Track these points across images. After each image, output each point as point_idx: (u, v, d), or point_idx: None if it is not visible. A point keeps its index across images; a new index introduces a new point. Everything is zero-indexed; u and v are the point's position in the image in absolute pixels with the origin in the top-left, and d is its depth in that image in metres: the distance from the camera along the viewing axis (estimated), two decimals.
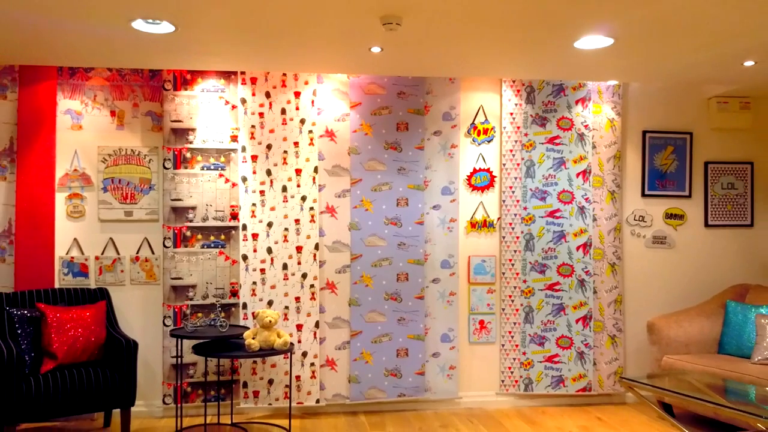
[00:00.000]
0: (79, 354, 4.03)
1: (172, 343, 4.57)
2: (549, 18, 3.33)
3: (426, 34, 3.61)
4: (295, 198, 4.70)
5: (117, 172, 4.64)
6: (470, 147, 4.97)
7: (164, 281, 4.60)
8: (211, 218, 4.64)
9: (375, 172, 4.80)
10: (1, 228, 4.50)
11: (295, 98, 4.71)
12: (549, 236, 4.96)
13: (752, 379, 4.02)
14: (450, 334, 4.88)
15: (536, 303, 4.95)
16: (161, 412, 4.64)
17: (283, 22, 3.41)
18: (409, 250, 4.82)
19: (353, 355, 4.74)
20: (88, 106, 4.62)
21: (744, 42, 3.76)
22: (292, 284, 4.67)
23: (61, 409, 3.78)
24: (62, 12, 3.27)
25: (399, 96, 4.83)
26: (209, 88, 4.66)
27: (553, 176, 4.96)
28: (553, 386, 4.96)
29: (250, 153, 4.66)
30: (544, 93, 4.97)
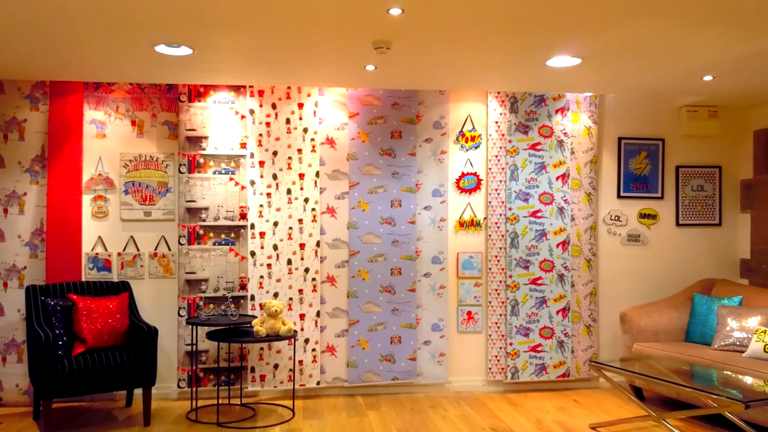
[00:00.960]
0: (106, 339, 4.56)
1: (187, 332, 5.10)
2: (522, 41, 3.84)
3: (414, 55, 4.13)
4: (299, 200, 5.22)
5: (137, 176, 5.17)
6: (459, 153, 5.48)
7: (179, 275, 5.13)
8: (222, 218, 5.17)
9: (371, 176, 5.32)
10: (33, 227, 5.03)
11: (298, 109, 5.24)
12: (531, 234, 5.47)
13: (710, 363, 4.52)
14: (440, 324, 5.40)
15: (521, 297, 5.46)
16: (176, 395, 5.17)
17: (287, 45, 3.93)
18: (403, 247, 5.34)
19: (351, 342, 5.27)
20: (111, 116, 5.15)
21: (700, 60, 4.26)
22: (296, 278, 5.20)
23: (90, 387, 4.31)
24: (93, 38, 3.80)
25: (393, 107, 5.35)
26: (221, 99, 5.18)
27: (535, 179, 5.47)
28: (537, 374, 5.47)
29: (258, 159, 5.19)
30: (527, 103, 5.48)
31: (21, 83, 5.02)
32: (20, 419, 4.69)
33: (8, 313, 4.99)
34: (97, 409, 4.92)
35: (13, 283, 5.00)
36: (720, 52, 4.05)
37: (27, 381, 4.97)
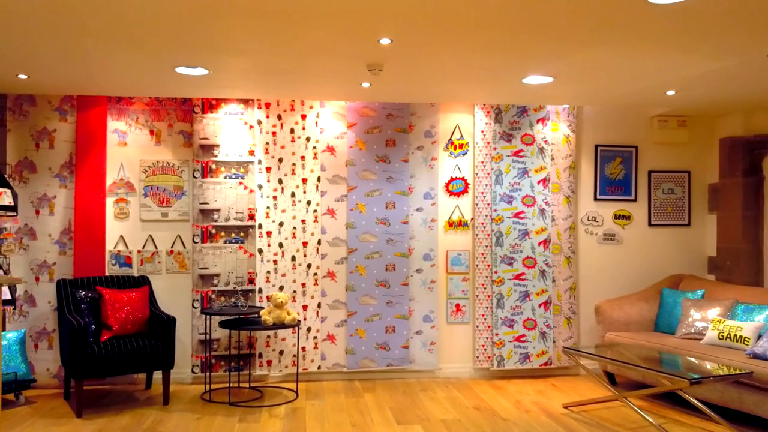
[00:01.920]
0: (129, 327, 5.16)
1: (200, 322, 5.69)
2: (499, 64, 4.42)
3: (404, 75, 4.71)
4: (302, 202, 5.81)
5: (155, 180, 5.77)
6: (448, 159, 6.06)
7: (193, 271, 5.73)
8: (232, 219, 5.76)
9: (368, 181, 5.91)
10: (62, 227, 5.63)
11: (301, 120, 5.83)
12: (515, 234, 6.04)
13: (672, 349, 5.10)
14: (431, 315, 5.98)
15: (506, 291, 6.03)
16: (191, 380, 5.77)
17: (290, 66, 4.52)
18: (396, 245, 5.92)
19: (349, 331, 5.85)
20: (131, 126, 5.75)
21: (662, 77, 4.82)
22: (299, 273, 5.79)
23: (117, 369, 4.91)
24: (119, 59, 4.39)
25: (388, 117, 5.93)
26: (231, 111, 5.78)
27: (518, 183, 6.05)
28: (521, 362, 6.04)
29: (265, 165, 5.78)
30: (510, 114, 6.06)
31: (51, 97, 5.62)
32: (52, 399, 5.29)
33: (40, 305, 5.59)
34: (120, 391, 5.52)
35: (44, 277, 5.59)
36: (679, 71, 4.62)
37: (57, 365, 5.57)
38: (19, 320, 5.54)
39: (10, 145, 5.58)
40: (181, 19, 3.50)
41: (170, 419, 4.79)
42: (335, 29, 3.66)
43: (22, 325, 5.53)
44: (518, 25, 3.56)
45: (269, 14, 3.40)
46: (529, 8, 3.29)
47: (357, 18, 3.46)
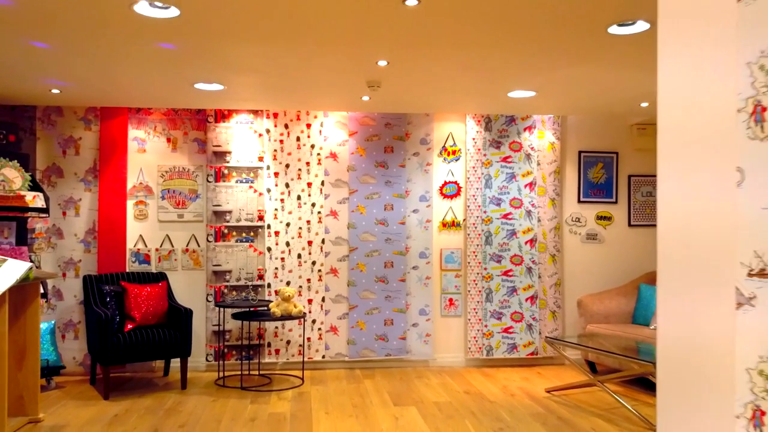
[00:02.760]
0: (150, 318, 5.71)
1: (213, 315, 6.25)
2: (486, 81, 4.97)
3: (400, 90, 5.26)
4: (307, 204, 6.37)
5: (171, 184, 6.32)
6: (442, 164, 6.62)
7: (207, 267, 6.28)
8: (243, 219, 6.31)
9: (367, 185, 6.46)
10: (87, 227, 6.19)
11: (307, 129, 6.38)
12: (503, 233, 6.59)
13: (646, 339, 5.64)
14: (426, 309, 6.53)
15: (495, 286, 6.58)
16: (204, 368, 6.33)
17: (298, 82, 5.07)
18: (394, 244, 6.48)
19: (351, 323, 6.41)
20: (150, 134, 6.30)
21: (634, 92, 5.37)
22: (305, 269, 6.35)
23: (140, 356, 5.46)
24: (142, 76, 4.95)
25: (386, 126, 6.49)
26: (242, 121, 6.33)
27: (506, 187, 6.60)
28: (509, 352, 6.59)
29: (273, 170, 6.34)
30: (499, 122, 6.61)
31: (77, 108, 6.18)
32: (80, 384, 5.85)
33: (66, 298, 6.15)
34: (140, 378, 6.08)
35: (70, 273, 6.15)
36: (648, 87, 5.17)
37: (83, 354, 6.13)
38: (49, 312, 6.10)
39: (40, 152, 6.14)
40: (202, 44, 4.05)
41: (188, 401, 5.35)
42: (338, 53, 4.21)
43: (51, 317, 6.10)
44: (501, 48, 4.12)
45: (279, 40, 3.95)
46: (510, 34, 3.84)
47: (357, 44, 4.02)
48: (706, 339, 1.52)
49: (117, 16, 3.51)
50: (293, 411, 5.11)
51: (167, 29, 3.73)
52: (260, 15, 3.47)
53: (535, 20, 3.54)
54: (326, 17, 3.50)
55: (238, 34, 3.79)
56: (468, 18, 3.50)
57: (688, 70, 1.59)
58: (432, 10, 3.39)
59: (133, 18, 3.55)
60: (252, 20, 3.56)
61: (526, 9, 3.36)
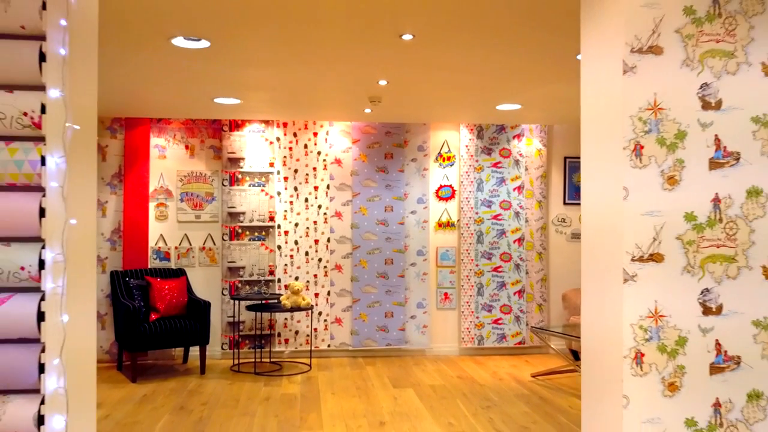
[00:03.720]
0: (172, 309, 6.40)
1: (228, 307, 6.93)
2: (477, 97, 5.66)
3: (399, 105, 5.95)
4: (314, 206, 7.05)
5: (189, 188, 7.00)
6: (437, 169, 7.30)
7: (222, 264, 6.97)
8: (255, 220, 6.99)
9: (369, 188, 7.14)
10: (112, 227, 6.87)
11: (314, 137, 7.07)
12: (494, 233, 7.27)
13: None
14: (423, 302, 7.21)
15: (486, 281, 7.26)
16: (220, 355, 7.01)
17: (306, 97, 5.75)
18: (394, 243, 7.16)
19: (354, 315, 7.10)
20: (170, 142, 6.98)
21: None
22: (312, 266, 7.03)
23: (164, 343, 6.14)
24: (166, 91, 5.64)
25: (386, 134, 7.17)
26: (254, 129, 7.01)
27: (497, 190, 7.28)
28: (498, 341, 7.27)
29: (283, 175, 7.02)
30: (490, 131, 7.29)
31: (103, 118, 6.86)
32: (107, 370, 6.54)
33: None
34: (162, 365, 6.76)
35: (97, 269, 6.84)
36: None
37: (109, 343, 6.81)
38: None
39: None
40: (226, 68, 4.75)
41: (208, 384, 6.04)
42: (343, 74, 4.90)
43: None
44: (487, 71, 4.81)
45: (292, 63, 4.64)
46: (493, 60, 4.53)
47: (360, 67, 4.70)
48: (607, 305, 2.20)
49: (155, 46, 4.19)
50: (303, 392, 5.80)
51: (198, 56, 4.42)
52: (277, 44, 4.16)
53: (514, 50, 4.22)
54: (334, 46, 4.19)
55: (257, 59, 4.48)
56: (457, 47, 4.18)
57: (597, 124, 2.27)
58: (425, 43, 4.07)
59: (170, 48, 4.23)
60: (270, 48, 4.24)
61: (506, 40, 4.04)
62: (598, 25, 2.25)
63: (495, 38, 3.94)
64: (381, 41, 4.02)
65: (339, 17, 3.57)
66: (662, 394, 2.08)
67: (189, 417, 5.08)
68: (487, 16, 3.53)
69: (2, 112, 1.94)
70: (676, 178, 2.09)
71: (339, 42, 4.04)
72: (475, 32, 3.83)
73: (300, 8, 3.42)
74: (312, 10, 3.45)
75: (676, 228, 2.09)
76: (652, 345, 2.08)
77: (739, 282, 2.11)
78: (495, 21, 3.60)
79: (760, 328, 2.12)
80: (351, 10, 3.44)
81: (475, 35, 3.90)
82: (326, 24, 3.69)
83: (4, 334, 1.96)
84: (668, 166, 2.09)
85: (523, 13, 3.45)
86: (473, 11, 3.43)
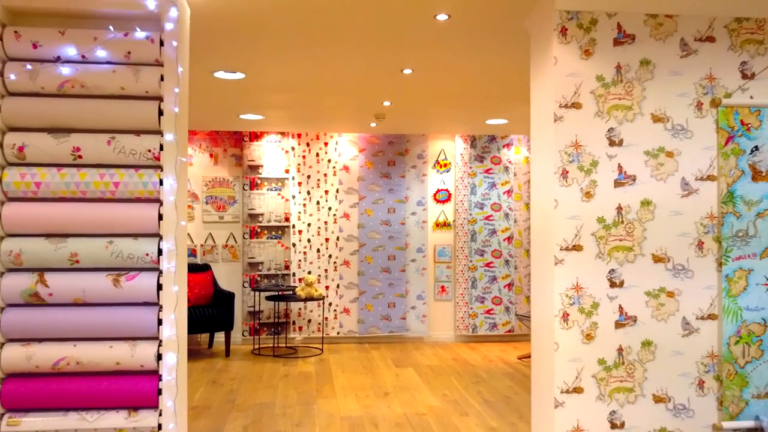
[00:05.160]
0: (201, 299, 7.43)
1: (249, 299, 7.96)
2: (468, 113, 6.68)
3: (401, 120, 6.98)
4: (324, 208, 8.08)
5: (214, 192, 8.03)
6: (435, 175, 8.32)
7: (243, 260, 7.99)
8: (272, 220, 8.02)
9: (374, 192, 8.17)
10: None
11: (324, 146, 8.09)
12: (486, 232, 8.29)
13: None
14: (422, 294, 8.24)
15: (478, 275, 8.28)
16: (241, 341, 8.04)
17: (318, 115, 6.79)
18: (396, 241, 8.18)
19: (360, 306, 8.12)
20: (196, 150, 8.01)
21: None
22: (323, 261, 8.06)
23: (195, 329, 7.17)
24: (197, 109, 6.67)
25: (389, 144, 8.20)
26: (271, 140, 8.04)
27: (488, 194, 8.30)
28: (490, 329, 8.29)
29: (297, 181, 8.05)
30: (482, 141, 8.31)
31: None
32: None
33: None
34: (190, 349, 7.80)
35: None
36: None
37: None
38: None
39: None
40: (257, 94, 5.78)
41: (233, 365, 7.07)
42: (351, 97, 5.93)
43: None
44: (476, 97, 5.84)
45: (309, 89, 5.67)
46: (480, 89, 5.57)
47: (367, 93, 5.74)
48: (545, 280, 3.22)
49: (201, 78, 5.22)
50: (317, 370, 6.82)
51: (233, 85, 5.44)
52: (298, 75, 5.19)
53: (495, 85, 5.25)
54: (346, 77, 5.22)
55: (281, 86, 5.51)
56: (450, 80, 5.20)
57: (539, 155, 3.28)
58: (422, 77, 5.10)
59: (212, 79, 5.25)
60: (292, 78, 5.27)
61: (485, 80, 5.07)
62: (539, 88, 3.27)
63: (478, 70, 4.97)
64: (385, 74, 5.05)
65: (351, 55, 4.60)
66: (581, 341, 3.10)
67: (221, 388, 6.11)
68: (473, 60, 4.56)
69: (134, 149, 2.96)
70: (591, 193, 3.10)
71: (350, 74, 5.08)
72: (463, 64, 4.86)
73: (318, 49, 4.45)
74: (328, 51, 4.48)
75: (591, 227, 3.11)
76: (574, 308, 3.10)
77: (635, 265, 3.12)
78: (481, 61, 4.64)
79: (650, 296, 3.13)
80: (362, 50, 4.47)
81: (464, 67, 4.93)
82: (339, 62, 4.73)
83: (134, 299, 2.98)
84: (585, 184, 3.10)
85: (502, 59, 4.48)
86: (461, 50, 4.47)
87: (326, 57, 4.55)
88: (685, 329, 3.14)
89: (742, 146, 3.14)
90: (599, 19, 3.10)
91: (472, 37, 4.07)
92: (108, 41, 2.92)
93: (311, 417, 5.27)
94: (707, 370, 3.15)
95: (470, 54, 4.46)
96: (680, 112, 3.15)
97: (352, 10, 3.59)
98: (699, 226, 3.15)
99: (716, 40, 3.17)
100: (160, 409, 2.97)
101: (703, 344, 3.15)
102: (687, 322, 3.15)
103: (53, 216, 2.91)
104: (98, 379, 2.95)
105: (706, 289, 3.15)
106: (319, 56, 4.53)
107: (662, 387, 3.13)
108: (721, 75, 3.17)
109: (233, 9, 3.60)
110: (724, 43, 3.18)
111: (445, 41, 4.18)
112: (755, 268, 3.15)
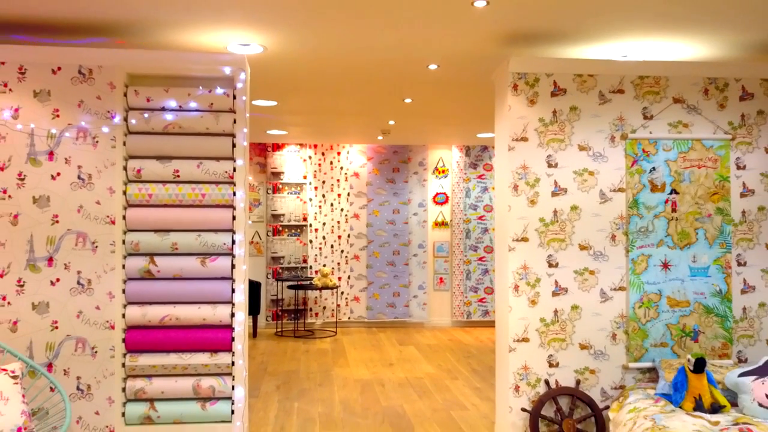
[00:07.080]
0: None
1: (272, 288, 9.40)
2: (461, 128, 8.12)
3: (404, 135, 8.41)
4: (337, 209, 9.52)
5: None
6: (435, 180, 9.75)
7: (266, 255, 9.44)
8: (292, 220, 9.47)
9: (380, 195, 9.61)
10: None
11: (337, 156, 9.54)
12: (479, 230, 9.72)
13: None
14: (423, 285, 9.67)
15: (473, 268, 9.70)
16: (265, 326, 9.50)
17: (331, 129, 8.23)
18: (400, 238, 9.61)
19: (369, 295, 9.57)
20: None
21: None
22: (336, 255, 9.51)
23: None
24: None
25: (394, 153, 9.64)
26: (291, 150, 9.49)
27: (481, 197, 9.72)
28: (482, 315, 9.71)
29: (313, 185, 9.50)
30: (476, 150, 9.74)
31: None
32: None
33: None
34: None
35: None
36: None
37: None
38: None
39: None
40: (285, 117, 7.25)
41: (260, 343, 8.53)
42: (360, 117, 7.38)
43: None
44: (468, 116, 7.29)
45: (324, 114, 7.12)
46: (471, 111, 7.02)
47: (374, 115, 7.18)
48: (503, 262, 4.65)
49: None
50: (332, 348, 8.27)
51: (267, 110, 6.89)
52: (316, 102, 6.63)
53: (478, 111, 6.68)
54: (357, 107, 6.66)
55: (304, 110, 6.95)
56: (442, 106, 6.63)
57: (499, 174, 4.69)
58: (420, 104, 6.53)
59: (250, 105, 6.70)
60: (312, 103, 6.72)
61: (470, 108, 6.50)
62: (499, 126, 4.71)
63: (464, 101, 6.41)
64: (390, 103, 6.49)
65: (363, 92, 6.05)
66: (528, 305, 4.52)
67: (253, 361, 7.57)
68: (460, 95, 6.01)
69: (215, 171, 4.40)
70: (535, 201, 4.52)
71: (362, 103, 6.52)
72: (452, 97, 6.31)
73: (337, 87, 5.91)
74: (345, 88, 5.94)
75: (535, 225, 4.52)
76: (523, 281, 4.51)
77: (566, 252, 4.54)
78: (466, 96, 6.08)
79: (577, 274, 4.55)
80: (372, 87, 5.93)
81: (453, 99, 6.37)
82: (354, 96, 6.18)
83: (215, 275, 4.42)
84: (531, 195, 4.52)
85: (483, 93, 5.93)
86: (449, 88, 5.91)
87: (343, 92, 5.99)
88: (602, 297, 4.56)
89: (643, 167, 4.55)
90: (540, 78, 4.52)
91: (457, 80, 5.51)
92: (198, 96, 4.36)
93: (330, 379, 6.71)
94: (618, 327, 4.56)
95: (457, 91, 5.90)
96: (599, 143, 4.56)
97: (366, 62, 5.04)
98: (612, 224, 4.56)
99: (625, 91, 4.59)
100: (232, 351, 4.41)
101: (615, 308, 4.56)
102: (604, 292, 4.56)
103: (160, 217, 4.35)
104: (191, 330, 4.38)
105: (618, 268, 4.56)
106: (337, 91, 5.97)
107: (586, 338, 4.54)
108: (628, 116, 4.58)
109: (275, 69, 5.04)
110: (631, 93, 4.59)
111: (436, 82, 5.62)
112: (653, 254, 4.56)
